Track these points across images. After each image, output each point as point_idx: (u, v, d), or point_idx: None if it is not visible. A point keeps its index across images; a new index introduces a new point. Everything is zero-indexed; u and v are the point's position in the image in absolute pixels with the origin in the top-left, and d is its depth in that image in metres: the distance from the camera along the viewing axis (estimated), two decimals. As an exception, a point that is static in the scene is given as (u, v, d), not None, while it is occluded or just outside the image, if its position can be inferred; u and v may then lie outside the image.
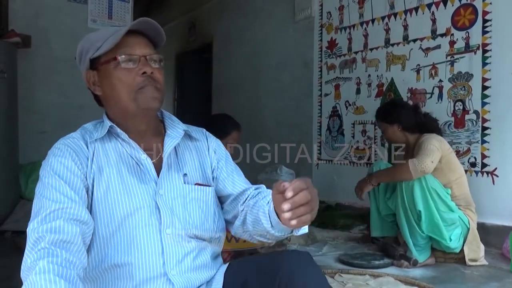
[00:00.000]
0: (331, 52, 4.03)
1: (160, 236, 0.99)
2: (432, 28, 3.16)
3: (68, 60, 4.10)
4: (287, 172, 4.05)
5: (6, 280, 2.06)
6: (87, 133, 1.07)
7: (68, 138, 1.05)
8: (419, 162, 2.25)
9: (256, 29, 4.92)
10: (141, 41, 1.05)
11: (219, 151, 1.19)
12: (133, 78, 1.02)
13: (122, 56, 1.01)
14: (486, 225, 2.73)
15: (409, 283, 2.03)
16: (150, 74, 1.02)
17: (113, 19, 4.37)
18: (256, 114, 4.89)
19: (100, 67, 1.06)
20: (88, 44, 1.08)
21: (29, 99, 3.77)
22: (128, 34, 1.03)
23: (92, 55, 1.06)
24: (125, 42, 1.02)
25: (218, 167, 1.15)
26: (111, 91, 1.05)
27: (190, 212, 1.04)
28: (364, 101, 3.71)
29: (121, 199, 0.99)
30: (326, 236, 3.06)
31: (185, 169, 1.09)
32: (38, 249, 0.82)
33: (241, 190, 1.13)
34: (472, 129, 2.90)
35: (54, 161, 0.98)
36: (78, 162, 0.99)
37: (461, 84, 2.98)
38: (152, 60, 1.05)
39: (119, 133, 1.05)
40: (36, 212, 0.91)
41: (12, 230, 2.94)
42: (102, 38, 1.04)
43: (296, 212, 0.82)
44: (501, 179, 2.75)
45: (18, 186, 3.39)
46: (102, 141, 1.05)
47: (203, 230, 1.05)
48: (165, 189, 1.03)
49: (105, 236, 0.96)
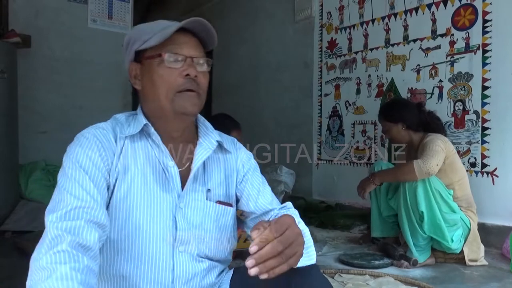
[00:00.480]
0: (331, 52, 4.04)
1: (173, 252, 0.96)
2: (432, 28, 3.17)
3: (68, 60, 4.11)
4: (287, 172, 4.05)
5: (6, 280, 2.06)
6: (118, 125, 1.01)
7: (98, 128, 0.98)
8: (424, 163, 2.23)
9: (256, 29, 4.92)
10: (191, 40, 1.00)
11: (247, 164, 1.13)
12: (175, 78, 0.96)
13: (168, 53, 0.96)
14: (486, 225, 2.73)
15: (409, 283, 2.03)
16: (194, 77, 0.97)
17: (113, 19, 4.38)
18: (256, 114, 4.89)
19: (144, 61, 1.00)
20: (136, 35, 1.02)
21: (29, 99, 3.77)
22: (178, 31, 0.98)
23: (138, 47, 1.00)
24: (174, 39, 0.97)
25: (243, 180, 1.10)
26: (150, 87, 1.00)
27: (207, 231, 1.01)
28: (364, 101, 3.71)
29: (140, 206, 0.95)
30: (326, 236, 3.06)
31: (210, 183, 1.05)
32: (58, 250, 0.78)
33: (264, 210, 1.09)
34: (472, 129, 2.90)
35: (80, 152, 0.93)
36: (104, 157, 0.94)
37: (461, 84, 2.98)
38: (199, 62, 0.99)
39: (151, 133, 1.00)
40: (56, 205, 0.86)
41: (12, 230, 2.93)
42: (151, 31, 0.98)
43: (266, 265, 0.75)
44: (501, 179, 2.75)
45: (18, 186, 3.39)
46: (133, 138, 1.00)
47: (216, 251, 1.03)
48: (186, 202, 1.00)
49: (115, 240, 0.93)
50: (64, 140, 1.80)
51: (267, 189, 1.13)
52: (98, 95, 4.25)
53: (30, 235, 2.66)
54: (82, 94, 4.14)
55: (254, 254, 0.74)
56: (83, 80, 4.17)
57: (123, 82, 4.52)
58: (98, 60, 4.28)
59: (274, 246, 0.75)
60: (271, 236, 0.75)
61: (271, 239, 0.75)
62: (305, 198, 4.04)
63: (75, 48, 4.14)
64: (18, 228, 2.93)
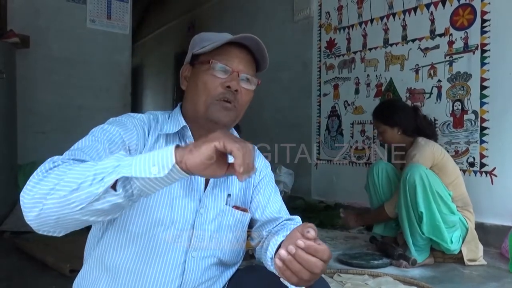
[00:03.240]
0: (330, 52, 4.04)
1: (185, 257, 0.96)
2: (430, 28, 3.17)
3: (67, 60, 4.11)
4: (287, 172, 4.05)
5: (5, 280, 2.06)
6: (154, 121, 1.03)
7: (133, 117, 1.00)
8: (392, 205, 2.47)
9: (255, 29, 4.92)
10: (244, 57, 1.02)
11: (264, 171, 1.14)
12: (216, 86, 0.99)
13: (217, 63, 0.99)
14: (485, 225, 2.73)
15: (408, 283, 2.03)
16: (234, 91, 0.99)
17: (112, 19, 4.37)
18: (255, 114, 4.87)
19: (197, 65, 1.04)
20: (198, 40, 1.07)
21: (28, 99, 3.77)
22: (236, 45, 1.01)
23: (196, 51, 1.04)
24: (228, 51, 1.00)
25: (257, 188, 1.11)
26: (193, 89, 1.03)
27: (223, 236, 1.01)
28: (363, 101, 3.71)
29: (162, 207, 0.94)
30: (325, 236, 3.06)
31: (231, 189, 1.06)
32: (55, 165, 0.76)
33: (270, 218, 1.09)
34: (470, 129, 2.90)
35: (111, 125, 0.93)
36: (138, 144, 0.95)
37: (459, 84, 2.98)
38: (245, 79, 1.02)
39: (187, 136, 1.02)
40: (63, 154, 0.83)
41: (11, 230, 2.93)
42: (212, 39, 1.02)
43: (291, 267, 0.72)
44: (499, 179, 2.75)
45: (16, 186, 3.39)
46: (168, 137, 1.02)
47: (230, 256, 1.03)
48: (206, 207, 1.00)
49: (130, 231, 0.92)
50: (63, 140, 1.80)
51: (277, 198, 1.13)
52: (97, 95, 4.25)
53: (29, 236, 2.66)
54: (81, 94, 4.14)
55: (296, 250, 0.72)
56: (82, 80, 4.17)
57: (122, 82, 4.52)
58: (97, 61, 4.28)
59: (315, 261, 0.72)
60: (320, 249, 0.73)
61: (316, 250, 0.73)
62: (304, 198, 4.04)
63: (74, 48, 4.14)
64: (17, 228, 2.93)
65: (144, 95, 9.07)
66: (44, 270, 2.19)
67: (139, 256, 0.93)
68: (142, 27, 8.83)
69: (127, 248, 0.93)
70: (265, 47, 1.03)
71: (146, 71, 8.98)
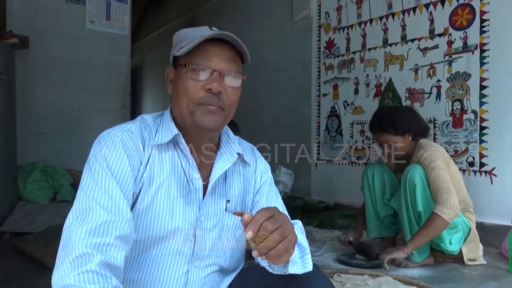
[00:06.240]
0: (329, 52, 4.04)
1: (187, 267, 0.96)
2: (430, 28, 3.17)
3: (66, 61, 4.11)
4: (286, 172, 4.06)
5: (5, 281, 2.05)
6: (147, 130, 0.97)
7: (126, 131, 0.94)
8: (448, 208, 2.10)
9: (254, 29, 4.92)
10: (225, 53, 0.95)
11: (265, 176, 1.12)
12: (197, 90, 0.94)
13: (193, 65, 0.93)
14: (485, 225, 2.73)
15: (408, 282, 2.03)
16: (217, 92, 0.93)
17: (111, 20, 4.38)
18: (255, 115, 4.89)
19: (178, 67, 0.99)
20: (177, 39, 1.00)
21: (27, 100, 3.77)
22: (214, 42, 0.94)
23: (175, 52, 0.99)
24: (206, 50, 0.94)
25: (258, 193, 1.10)
26: (176, 94, 0.98)
27: (224, 242, 1.01)
28: (363, 101, 3.71)
29: (162, 219, 0.93)
30: (324, 236, 3.06)
31: (229, 194, 1.04)
32: (87, 270, 0.75)
33: None
34: (470, 129, 2.90)
35: (109, 156, 0.88)
36: (134, 165, 0.91)
37: (459, 84, 2.98)
38: (228, 77, 0.95)
39: (181, 143, 0.98)
40: (83, 215, 0.82)
41: (10, 231, 2.93)
42: (189, 37, 0.95)
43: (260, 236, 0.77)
44: (499, 179, 2.75)
45: (16, 187, 3.39)
46: (160, 147, 0.97)
47: (231, 262, 1.03)
48: (206, 215, 0.98)
49: (135, 245, 0.91)
50: (63, 141, 1.80)
51: (279, 203, 1.11)
52: (96, 96, 4.25)
53: (29, 237, 2.66)
54: (80, 95, 4.14)
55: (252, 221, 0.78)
56: (81, 81, 4.17)
57: (121, 83, 4.52)
58: (96, 61, 4.28)
59: (270, 222, 0.78)
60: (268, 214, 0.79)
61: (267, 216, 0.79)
62: (303, 198, 4.04)
63: (73, 49, 4.14)
64: (16, 229, 2.93)
65: (143, 95, 9.07)
66: (43, 271, 2.18)
67: (143, 268, 0.93)
68: (141, 27, 8.83)
69: (130, 261, 0.92)
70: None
71: (145, 72, 8.99)
